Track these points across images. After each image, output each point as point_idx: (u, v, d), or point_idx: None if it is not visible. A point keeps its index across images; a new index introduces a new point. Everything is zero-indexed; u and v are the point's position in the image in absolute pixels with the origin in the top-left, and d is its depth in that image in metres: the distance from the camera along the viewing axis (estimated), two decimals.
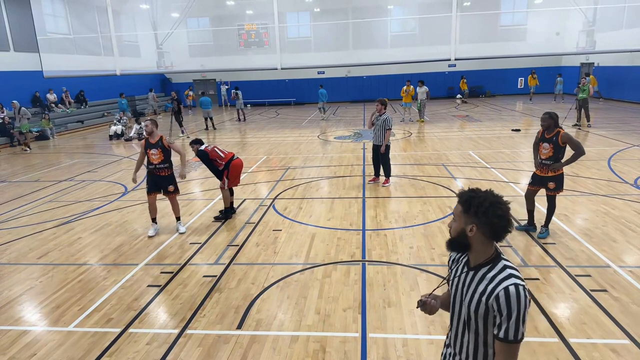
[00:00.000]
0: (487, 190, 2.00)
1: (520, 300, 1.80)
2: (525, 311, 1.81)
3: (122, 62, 18.68)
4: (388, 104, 9.15)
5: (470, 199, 1.95)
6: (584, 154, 5.80)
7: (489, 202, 1.92)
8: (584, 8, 17.76)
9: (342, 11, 23.14)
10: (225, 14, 24.58)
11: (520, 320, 1.81)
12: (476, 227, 1.92)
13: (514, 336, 1.82)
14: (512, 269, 1.90)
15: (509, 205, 1.95)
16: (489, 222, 1.90)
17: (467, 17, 19.06)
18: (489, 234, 1.92)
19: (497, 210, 1.90)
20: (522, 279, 1.86)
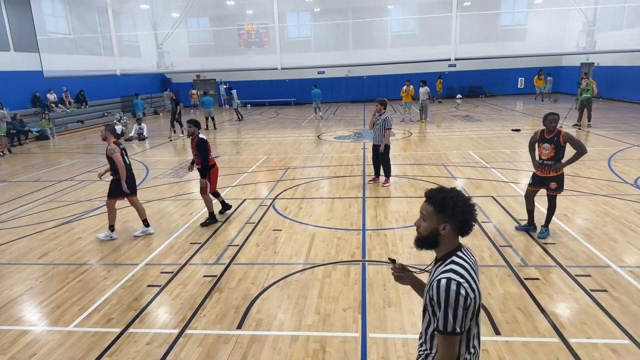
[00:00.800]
0: (453, 188, 2.07)
1: (448, 294, 1.87)
2: (456, 306, 1.87)
3: (122, 62, 18.67)
4: (388, 104, 9.15)
5: (444, 199, 2.01)
6: (586, 153, 5.80)
7: (461, 201, 2.00)
8: (584, 8, 17.76)
9: (342, 11, 23.14)
10: (225, 14, 24.59)
11: (449, 313, 1.88)
12: (449, 226, 2.00)
13: (443, 327, 1.89)
14: (456, 264, 1.96)
15: (475, 204, 2.05)
16: (462, 220, 2.00)
17: (467, 17, 19.06)
18: (458, 231, 2.03)
19: (470, 209, 2.00)
20: (461, 275, 1.91)
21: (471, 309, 1.93)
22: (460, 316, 1.89)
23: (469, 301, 1.89)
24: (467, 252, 2.09)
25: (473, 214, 2.00)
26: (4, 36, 18.45)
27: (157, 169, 11.81)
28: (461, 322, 1.90)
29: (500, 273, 5.22)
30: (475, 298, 1.93)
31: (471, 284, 1.92)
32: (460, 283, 1.89)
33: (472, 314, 1.96)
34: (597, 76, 23.88)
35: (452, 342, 1.92)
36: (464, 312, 1.90)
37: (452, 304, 1.88)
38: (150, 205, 8.52)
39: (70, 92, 22.49)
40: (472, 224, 2.03)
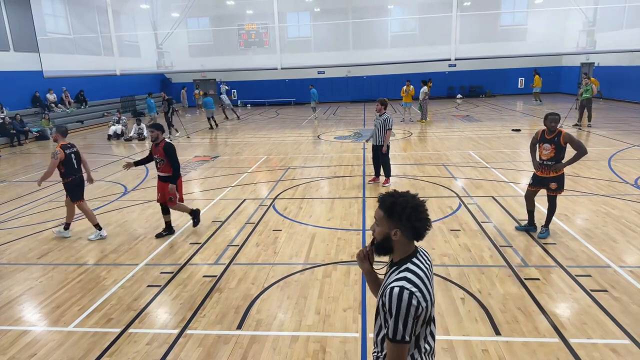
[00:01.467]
0: (407, 192, 2.04)
1: (400, 302, 1.86)
2: (407, 316, 1.86)
3: (122, 62, 18.68)
4: (388, 104, 9.15)
5: (392, 204, 1.98)
6: (586, 153, 5.79)
7: (410, 206, 1.96)
8: (584, 8, 17.76)
9: (342, 11, 23.15)
10: (225, 14, 24.60)
11: (400, 322, 1.87)
12: (400, 232, 1.98)
13: (392, 335, 1.89)
14: (410, 272, 1.95)
15: (426, 208, 2.01)
16: (412, 226, 1.96)
17: (467, 17, 19.08)
18: (411, 236, 2.00)
19: (419, 214, 1.96)
20: (414, 284, 1.90)
21: (422, 318, 1.93)
22: (410, 325, 1.88)
23: (420, 310, 1.89)
24: (423, 257, 2.08)
25: (423, 220, 1.97)
26: (4, 36, 18.45)
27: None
28: (411, 331, 1.89)
29: (501, 273, 5.22)
30: (427, 307, 1.92)
31: (424, 294, 1.91)
32: (412, 293, 1.88)
33: (423, 321, 1.96)
34: (597, 76, 23.85)
35: (400, 349, 1.92)
36: (415, 321, 1.89)
37: (403, 314, 1.86)
38: (150, 205, 8.52)
39: (70, 92, 22.50)
40: (426, 229, 1.99)
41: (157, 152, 6.59)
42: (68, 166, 6.69)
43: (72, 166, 6.73)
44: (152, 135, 6.62)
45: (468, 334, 4.10)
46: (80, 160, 6.92)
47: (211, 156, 13.30)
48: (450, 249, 5.95)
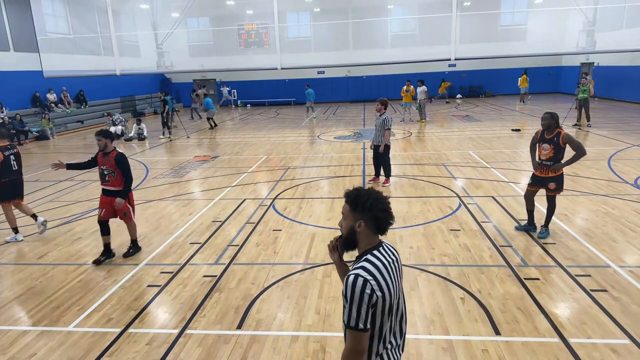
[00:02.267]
0: (370, 188, 2.17)
1: (354, 290, 1.94)
2: (361, 302, 1.93)
3: (122, 62, 18.69)
4: (388, 104, 9.15)
5: (356, 197, 2.11)
6: (585, 154, 5.79)
7: (372, 198, 2.09)
8: (584, 8, 17.76)
9: (342, 11, 23.15)
10: (225, 14, 24.61)
11: (354, 309, 1.94)
12: (364, 223, 2.09)
13: (347, 321, 1.96)
14: (368, 262, 2.05)
15: (389, 202, 2.14)
16: (374, 217, 2.08)
17: (467, 17, 19.07)
18: (374, 228, 2.11)
19: (380, 205, 2.08)
20: (369, 273, 1.98)
21: (380, 307, 1.98)
22: (364, 313, 1.94)
23: (374, 298, 1.94)
24: (386, 251, 2.16)
25: (385, 210, 2.08)
26: (4, 36, 18.46)
27: (157, 169, 11.81)
28: (365, 318, 1.95)
29: (500, 273, 5.22)
30: (383, 296, 1.97)
31: (379, 283, 1.97)
32: (367, 280, 1.95)
33: (383, 311, 2.01)
34: (597, 76, 23.87)
35: (357, 337, 1.97)
36: (371, 309, 1.95)
37: (357, 300, 1.93)
38: (150, 205, 8.52)
39: (70, 92, 22.50)
40: (388, 221, 2.10)
41: (105, 162, 5.83)
42: (4, 168, 6.56)
43: (9, 168, 6.63)
44: (100, 144, 5.84)
45: (468, 333, 4.10)
46: (20, 162, 6.80)
47: (211, 156, 13.30)
48: (450, 248, 5.95)
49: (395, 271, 2.14)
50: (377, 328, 2.04)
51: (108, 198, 5.94)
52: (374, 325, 2.02)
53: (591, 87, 15.26)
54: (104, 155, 5.87)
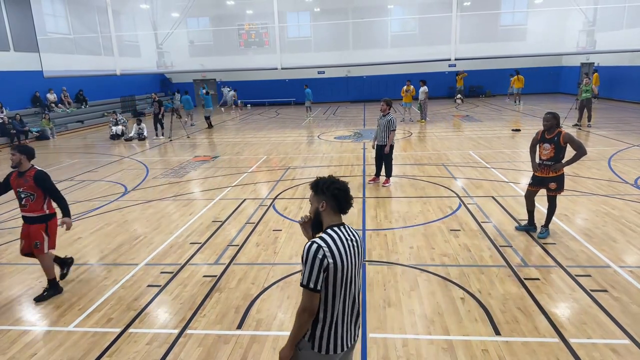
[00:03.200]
0: (329, 175, 2.53)
1: (309, 253, 2.27)
2: (313, 264, 2.25)
3: (122, 62, 18.69)
4: (392, 104, 9.17)
5: (316, 182, 2.47)
6: (585, 154, 5.78)
7: (329, 181, 2.45)
8: (584, 8, 17.75)
9: (342, 11, 23.14)
10: (225, 14, 24.59)
11: (307, 269, 2.27)
12: (325, 203, 2.42)
13: (302, 280, 2.29)
14: (326, 234, 2.37)
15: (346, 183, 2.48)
16: (333, 195, 2.40)
17: (467, 17, 19.06)
18: (335, 207, 2.43)
19: (336, 185, 2.42)
20: (324, 241, 2.31)
21: (331, 273, 2.28)
22: (316, 274, 2.25)
23: (326, 263, 2.26)
24: (347, 230, 2.45)
25: (341, 190, 2.41)
26: (4, 36, 18.45)
27: (157, 169, 11.81)
28: (316, 279, 2.25)
29: (500, 273, 5.22)
30: (335, 263, 2.27)
31: (332, 250, 2.29)
32: (320, 246, 2.28)
33: (335, 278, 2.30)
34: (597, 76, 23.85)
35: (309, 295, 2.28)
36: (323, 273, 2.26)
37: (310, 262, 2.25)
38: (150, 205, 8.52)
39: (70, 92, 22.50)
40: (346, 200, 2.43)
41: (21, 184, 4.87)
42: None
43: None
44: (14, 159, 4.83)
45: (468, 333, 4.10)
46: None
47: (211, 156, 13.30)
48: (450, 249, 5.95)
49: (352, 249, 2.41)
50: (330, 295, 2.33)
51: (28, 227, 4.97)
52: (327, 290, 2.31)
53: (594, 87, 15.24)
54: (19, 175, 4.90)
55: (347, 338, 2.45)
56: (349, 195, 2.45)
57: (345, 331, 2.43)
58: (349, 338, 2.47)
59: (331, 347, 2.39)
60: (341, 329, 2.41)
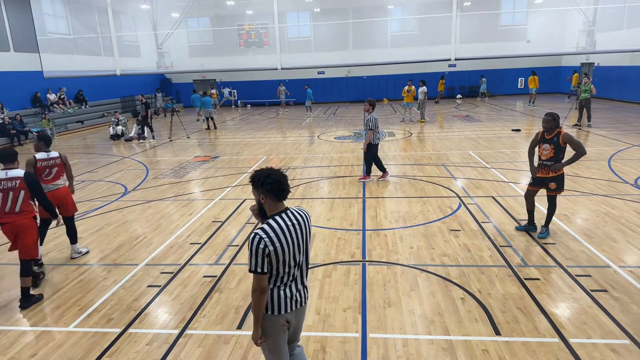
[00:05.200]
0: (267, 168, 2.75)
1: (252, 244, 2.61)
2: (256, 253, 2.60)
3: (122, 62, 18.68)
4: (375, 104, 9.34)
5: (252, 177, 2.73)
6: (585, 154, 5.78)
7: (263, 175, 2.68)
8: (584, 8, 17.76)
9: (342, 11, 23.15)
10: (225, 14, 24.60)
11: (252, 258, 2.62)
12: (264, 196, 2.71)
13: (249, 267, 2.65)
14: (267, 224, 2.67)
15: (282, 172, 2.73)
16: (268, 189, 2.68)
17: (467, 17, 19.08)
18: (274, 198, 2.71)
19: (270, 179, 2.67)
20: (264, 231, 2.63)
21: (273, 257, 2.63)
22: (260, 261, 2.61)
23: (267, 251, 2.60)
24: (290, 215, 2.77)
25: (274, 182, 2.66)
26: (4, 36, 18.46)
27: (157, 169, 11.81)
28: (262, 264, 2.61)
29: (500, 273, 5.22)
30: (275, 250, 2.62)
31: (272, 239, 2.61)
32: (261, 237, 2.61)
33: (277, 260, 2.66)
34: (598, 76, 23.87)
35: (258, 278, 2.65)
36: (266, 258, 2.61)
37: (253, 252, 2.60)
38: (150, 205, 8.52)
39: (70, 92, 22.49)
40: (282, 190, 2.70)
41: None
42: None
43: None
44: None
45: (468, 333, 4.10)
46: None
47: (211, 156, 13.30)
48: (450, 249, 5.95)
49: (295, 231, 2.73)
50: (275, 271, 2.70)
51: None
52: (272, 269, 2.68)
53: (593, 87, 15.25)
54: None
55: (294, 300, 2.85)
56: (284, 185, 2.71)
57: (291, 294, 2.83)
58: (295, 300, 2.86)
59: (282, 308, 2.80)
60: (288, 293, 2.81)
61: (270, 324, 2.83)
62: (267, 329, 2.84)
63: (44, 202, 5.12)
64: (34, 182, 5.02)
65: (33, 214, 5.07)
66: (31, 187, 4.97)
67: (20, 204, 4.95)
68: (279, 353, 2.92)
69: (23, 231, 5.02)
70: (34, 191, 5.00)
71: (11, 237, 5.08)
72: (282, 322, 2.84)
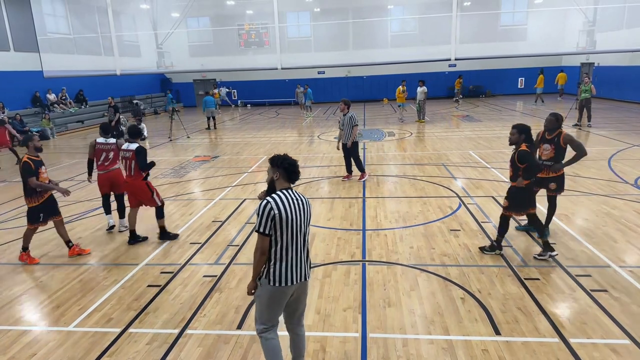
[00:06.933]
0: (285, 154, 3.22)
1: (260, 206, 3.05)
2: (262, 214, 3.02)
3: (122, 62, 18.67)
4: (351, 104, 9.54)
5: (273, 157, 3.19)
6: (585, 154, 5.77)
7: (283, 157, 3.18)
8: (584, 8, 17.76)
9: (342, 11, 23.16)
10: (225, 14, 24.61)
11: (259, 219, 3.05)
12: (279, 174, 3.16)
13: (256, 227, 3.09)
14: (275, 194, 3.11)
15: (296, 161, 3.21)
16: (285, 168, 3.13)
17: (467, 17, 19.08)
18: (286, 178, 3.16)
19: (288, 160, 3.16)
20: (272, 198, 3.06)
21: (277, 221, 3.03)
22: (264, 222, 3.02)
23: (272, 213, 3.01)
24: (293, 194, 3.15)
25: (291, 164, 3.13)
26: (4, 36, 18.45)
27: (157, 169, 11.80)
28: (265, 225, 3.02)
29: (501, 273, 5.22)
30: (280, 214, 3.02)
31: (278, 204, 3.03)
32: (269, 202, 3.04)
33: (281, 225, 3.04)
34: (597, 76, 23.86)
35: (260, 238, 3.08)
36: (270, 221, 3.01)
37: (261, 213, 3.03)
38: None
39: (70, 92, 22.48)
40: (295, 172, 3.15)
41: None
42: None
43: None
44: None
45: (468, 333, 4.10)
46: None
47: (211, 156, 13.30)
48: (450, 248, 5.95)
49: (297, 205, 3.13)
50: (279, 238, 3.08)
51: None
52: (276, 234, 3.06)
53: (592, 87, 15.25)
54: None
55: (297, 274, 3.17)
56: (297, 169, 3.18)
57: (294, 268, 3.15)
58: (298, 274, 3.18)
59: (283, 280, 3.12)
60: (290, 265, 3.13)
61: (271, 294, 3.15)
62: (264, 298, 3.19)
63: (145, 169, 6.36)
64: (143, 153, 6.30)
65: (141, 177, 6.38)
66: (138, 157, 6.27)
67: (134, 169, 6.34)
68: (268, 318, 3.26)
69: (137, 191, 6.44)
70: (141, 160, 6.28)
71: (129, 195, 6.57)
72: (283, 294, 3.16)
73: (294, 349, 3.50)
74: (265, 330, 3.29)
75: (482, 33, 19.97)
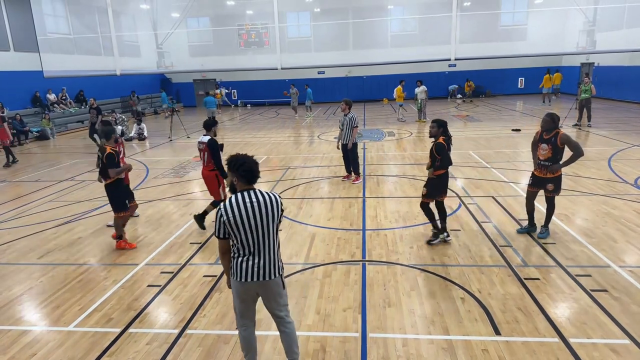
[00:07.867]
0: (243, 155, 3.26)
1: (216, 213, 3.19)
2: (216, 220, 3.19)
3: (122, 62, 18.67)
4: (352, 104, 9.49)
5: (229, 162, 3.23)
6: (582, 155, 5.77)
7: (239, 162, 3.17)
8: (584, 8, 17.75)
9: (342, 11, 23.15)
10: (225, 14, 24.60)
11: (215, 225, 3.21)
12: (237, 178, 3.22)
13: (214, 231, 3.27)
14: (232, 198, 3.20)
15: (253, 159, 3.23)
16: (241, 174, 3.19)
17: (467, 17, 19.07)
18: (244, 181, 3.22)
19: (244, 167, 3.17)
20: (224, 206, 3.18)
21: (228, 225, 3.15)
22: (218, 226, 3.19)
23: (223, 219, 3.14)
24: (254, 195, 3.20)
25: (247, 170, 3.16)
26: (4, 36, 18.46)
27: (157, 169, 11.81)
28: (219, 230, 3.20)
29: (501, 273, 5.22)
30: (228, 219, 3.13)
31: (227, 210, 3.14)
32: (219, 208, 3.19)
33: (232, 228, 3.15)
34: (597, 76, 23.86)
35: (219, 242, 3.28)
36: (222, 225, 3.17)
37: (216, 219, 3.20)
38: (150, 205, 8.52)
39: (70, 92, 22.49)
40: (252, 176, 3.20)
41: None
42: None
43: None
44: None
45: (468, 333, 4.10)
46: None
47: None
48: (450, 248, 5.95)
49: (257, 208, 3.17)
50: (236, 240, 3.20)
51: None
52: (234, 238, 3.19)
53: (593, 87, 15.25)
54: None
55: (257, 272, 3.25)
56: (255, 171, 3.21)
57: (254, 266, 3.24)
58: (257, 272, 3.25)
59: (243, 276, 3.25)
60: (251, 263, 3.24)
61: (236, 288, 3.35)
62: (233, 291, 3.40)
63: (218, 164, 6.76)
64: (213, 146, 6.73)
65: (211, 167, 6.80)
66: (211, 149, 6.71)
67: (207, 160, 6.81)
68: (240, 313, 3.45)
69: (206, 180, 7.00)
70: (212, 153, 6.71)
71: (206, 184, 7.07)
72: (244, 289, 3.31)
73: (284, 344, 3.59)
74: (242, 325, 3.51)
75: (482, 33, 19.97)
